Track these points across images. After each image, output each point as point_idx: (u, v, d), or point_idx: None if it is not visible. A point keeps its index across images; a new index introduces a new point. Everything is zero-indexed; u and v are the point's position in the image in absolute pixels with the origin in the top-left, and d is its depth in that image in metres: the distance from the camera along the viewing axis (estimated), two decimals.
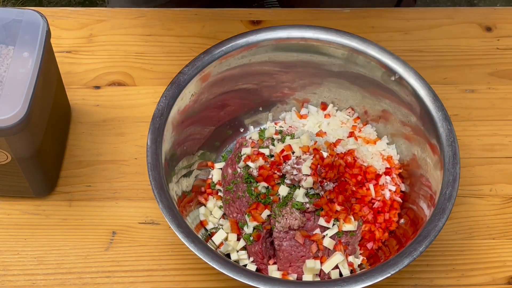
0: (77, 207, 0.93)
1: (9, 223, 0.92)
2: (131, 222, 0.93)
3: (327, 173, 0.87)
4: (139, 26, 1.09)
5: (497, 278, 0.91)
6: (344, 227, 0.86)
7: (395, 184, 0.92)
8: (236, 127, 0.99)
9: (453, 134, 0.86)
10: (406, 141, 0.94)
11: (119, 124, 1.00)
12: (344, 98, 0.98)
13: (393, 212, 0.90)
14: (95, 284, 0.88)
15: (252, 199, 0.87)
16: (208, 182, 0.94)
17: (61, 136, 0.97)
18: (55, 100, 0.92)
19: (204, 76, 0.90)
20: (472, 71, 1.08)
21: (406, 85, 0.90)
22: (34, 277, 0.88)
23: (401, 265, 0.78)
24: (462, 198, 0.96)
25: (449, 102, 1.03)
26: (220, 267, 0.77)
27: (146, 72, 1.06)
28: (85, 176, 0.96)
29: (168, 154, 0.86)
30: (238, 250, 0.88)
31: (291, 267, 0.86)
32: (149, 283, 0.89)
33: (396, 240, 0.88)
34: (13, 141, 0.81)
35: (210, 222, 0.90)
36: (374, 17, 1.12)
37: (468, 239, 0.93)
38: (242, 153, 0.90)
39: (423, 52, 1.10)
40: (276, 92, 0.98)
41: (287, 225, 0.85)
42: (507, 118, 1.04)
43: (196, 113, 0.92)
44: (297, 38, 0.92)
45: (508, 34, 1.12)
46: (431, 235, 0.79)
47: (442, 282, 0.90)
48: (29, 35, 0.83)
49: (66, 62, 1.05)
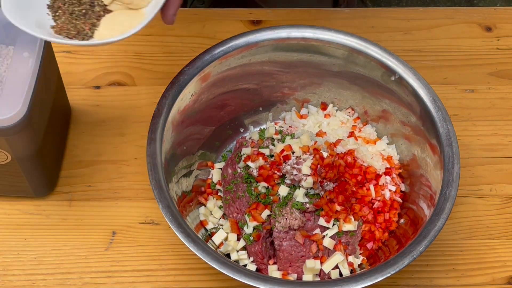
0: (77, 207, 0.94)
1: (9, 223, 0.92)
2: (131, 222, 0.93)
3: (327, 173, 0.87)
4: None
5: (497, 278, 0.91)
6: (344, 227, 0.86)
7: (395, 184, 0.92)
8: (236, 127, 0.99)
9: (453, 134, 0.86)
10: (406, 141, 0.94)
11: (119, 124, 1.00)
12: (344, 98, 0.98)
13: (393, 212, 0.90)
14: (95, 284, 0.88)
15: (252, 199, 0.87)
16: (208, 182, 0.94)
17: (61, 136, 0.97)
18: (55, 100, 0.92)
19: (204, 76, 0.90)
20: (472, 71, 1.08)
21: (406, 85, 0.90)
22: (34, 277, 0.88)
23: (401, 265, 0.78)
24: (462, 198, 0.96)
25: (449, 102, 1.03)
26: (220, 267, 0.77)
27: (146, 72, 1.06)
28: (85, 176, 0.96)
29: (168, 154, 0.86)
30: (238, 250, 0.88)
31: (291, 267, 0.86)
32: (149, 283, 0.89)
33: (396, 240, 0.88)
34: (13, 141, 0.81)
35: (210, 222, 0.90)
36: (374, 17, 1.13)
37: (468, 239, 0.93)
38: (242, 153, 0.90)
39: (423, 52, 1.10)
40: (276, 92, 0.98)
41: (287, 225, 0.85)
42: (507, 118, 1.04)
43: (196, 113, 0.92)
44: (297, 38, 0.92)
45: (508, 34, 1.12)
46: (431, 235, 0.79)
47: (442, 282, 0.90)
48: (29, 35, 0.83)
49: (66, 62, 1.05)
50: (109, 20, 0.80)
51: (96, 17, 0.80)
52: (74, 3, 0.80)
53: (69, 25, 0.79)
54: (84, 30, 0.78)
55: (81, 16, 0.80)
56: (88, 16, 0.80)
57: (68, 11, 0.80)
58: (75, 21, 0.79)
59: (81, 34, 0.78)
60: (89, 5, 0.80)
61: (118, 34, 0.77)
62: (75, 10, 0.80)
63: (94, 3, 0.80)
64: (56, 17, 0.80)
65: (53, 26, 0.79)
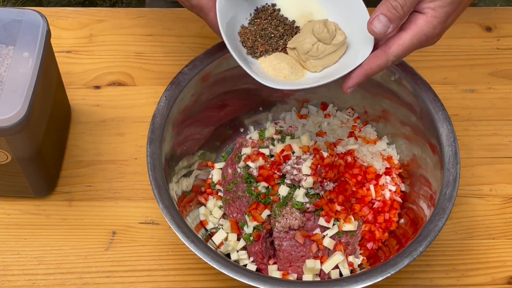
0: (77, 207, 0.93)
1: (9, 223, 0.92)
2: (131, 222, 0.93)
3: (327, 173, 0.87)
4: (139, 26, 1.09)
5: (497, 278, 0.91)
6: (344, 227, 0.86)
7: (395, 184, 0.92)
8: (236, 127, 0.99)
9: (453, 134, 0.86)
10: (406, 141, 0.94)
11: (119, 124, 1.00)
12: (344, 98, 0.98)
13: (393, 212, 0.90)
14: (95, 284, 0.88)
15: (252, 199, 0.87)
16: (208, 182, 0.94)
17: (61, 136, 0.97)
18: (55, 100, 0.92)
19: (204, 76, 0.90)
20: (472, 71, 1.08)
21: (406, 85, 0.90)
22: (34, 277, 0.88)
23: (401, 265, 0.78)
24: (462, 198, 0.96)
25: (449, 102, 1.02)
26: (220, 267, 0.77)
27: (146, 72, 1.06)
28: (85, 176, 0.96)
29: (168, 154, 0.86)
30: (238, 250, 0.88)
31: (291, 267, 0.86)
32: (149, 283, 0.89)
33: (396, 240, 0.88)
34: (13, 141, 0.81)
35: (210, 222, 0.90)
36: None
37: (468, 239, 0.93)
38: (242, 153, 0.90)
39: (423, 52, 1.09)
40: (276, 92, 0.98)
41: (287, 225, 0.85)
42: (507, 118, 1.04)
43: (196, 113, 0.92)
44: None
45: (508, 34, 1.12)
46: (431, 235, 0.79)
47: (442, 282, 0.90)
48: (29, 35, 0.83)
49: (66, 62, 1.05)
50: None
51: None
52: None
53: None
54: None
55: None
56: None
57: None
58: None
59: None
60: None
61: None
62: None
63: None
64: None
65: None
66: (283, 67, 0.81)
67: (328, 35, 0.79)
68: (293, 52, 0.82)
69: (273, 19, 0.83)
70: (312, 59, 0.80)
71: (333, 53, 0.80)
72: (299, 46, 0.80)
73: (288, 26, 0.83)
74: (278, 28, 0.83)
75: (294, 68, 0.81)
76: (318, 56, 0.80)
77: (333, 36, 0.79)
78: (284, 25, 0.83)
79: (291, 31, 0.83)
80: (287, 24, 0.84)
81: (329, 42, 0.79)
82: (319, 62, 0.80)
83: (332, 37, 0.79)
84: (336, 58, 0.81)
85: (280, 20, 0.83)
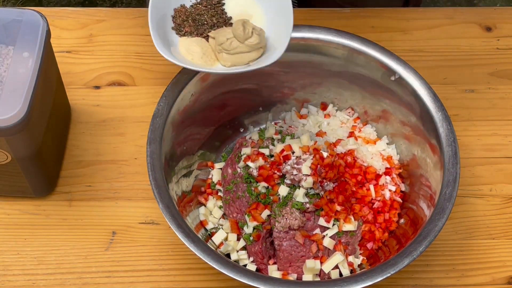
0: (77, 207, 0.94)
1: (9, 223, 0.92)
2: (131, 222, 0.93)
3: (327, 173, 0.87)
4: (139, 26, 1.09)
5: (497, 278, 0.91)
6: (344, 227, 0.86)
7: (395, 184, 0.92)
8: (236, 127, 0.99)
9: (453, 134, 0.86)
10: (406, 141, 0.94)
11: (119, 124, 1.00)
12: (344, 98, 0.98)
13: (393, 212, 0.90)
14: (95, 284, 0.88)
15: (252, 199, 0.87)
16: (208, 182, 0.94)
17: (61, 136, 0.97)
18: (55, 100, 0.92)
19: (204, 76, 0.90)
20: (472, 71, 1.08)
21: (406, 85, 0.90)
22: (34, 277, 0.88)
23: (401, 265, 0.78)
24: (462, 198, 0.96)
25: (449, 102, 1.03)
26: (220, 267, 0.77)
27: (146, 72, 1.06)
28: (85, 176, 0.96)
29: (168, 154, 0.86)
30: (238, 250, 0.88)
31: (291, 267, 0.86)
32: (149, 283, 0.89)
33: (396, 240, 0.88)
34: (13, 141, 0.81)
35: (210, 222, 0.90)
36: (374, 17, 1.12)
37: (468, 239, 0.93)
38: (242, 153, 0.90)
39: (423, 52, 1.10)
40: (276, 92, 0.98)
41: (287, 225, 0.85)
42: (507, 118, 1.04)
43: (196, 113, 0.92)
44: (297, 38, 0.92)
45: (508, 34, 1.12)
46: (431, 235, 0.79)
47: (442, 282, 0.90)
48: (29, 35, 0.83)
49: (66, 62, 1.05)
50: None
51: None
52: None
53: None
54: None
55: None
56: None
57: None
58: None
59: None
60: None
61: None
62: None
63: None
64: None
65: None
66: (195, 51, 0.83)
67: (243, 34, 0.81)
68: (212, 41, 0.84)
69: (211, 8, 0.86)
70: (224, 52, 0.83)
71: (245, 54, 0.83)
72: (217, 37, 0.83)
73: (222, 20, 0.86)
74: (212, 18, 0.85)
75: (206, 55, 0.83)
76: (229, 51, 0.82)
77: (247, 37, 0.82)
78: (220, 17, 0.86)
79: (223, 25, 0.86)
80: (222, 18, 0.86)
81: (242, 40, 0.82)
82: (230, 58, 0.83)
83: (246, 37, 0.82)
84: (247, 61, 0.83)
85: (218, 12, 0.86)
